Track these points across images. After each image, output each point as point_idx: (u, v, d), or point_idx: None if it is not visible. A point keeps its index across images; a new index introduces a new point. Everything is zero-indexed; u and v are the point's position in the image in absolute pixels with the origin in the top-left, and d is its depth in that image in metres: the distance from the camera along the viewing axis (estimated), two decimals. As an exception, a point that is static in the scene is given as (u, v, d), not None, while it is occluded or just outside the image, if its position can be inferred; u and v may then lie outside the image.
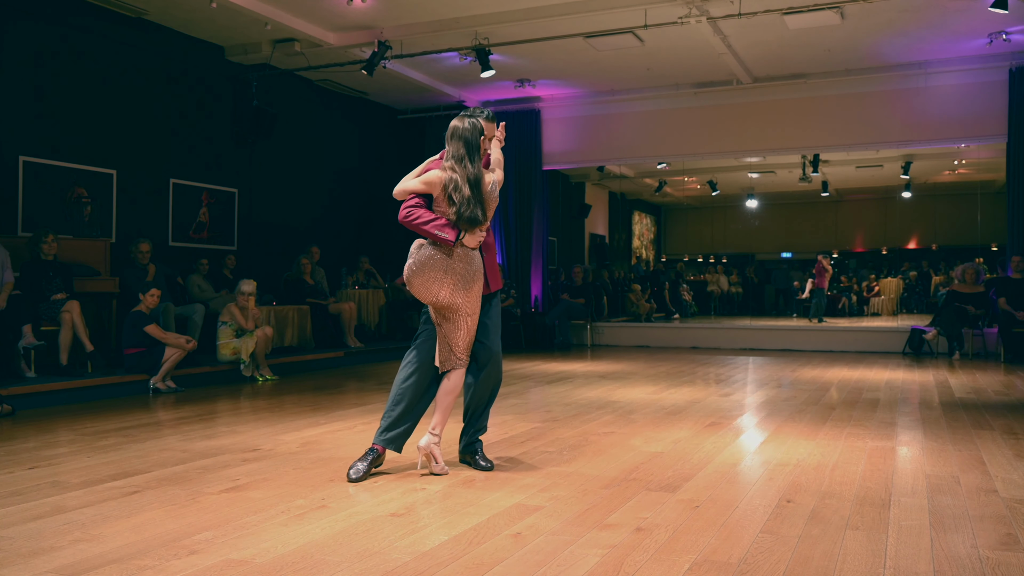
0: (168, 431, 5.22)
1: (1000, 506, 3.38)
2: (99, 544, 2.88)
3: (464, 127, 3.85)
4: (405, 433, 3.98)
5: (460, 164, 3.81)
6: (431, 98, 12.21)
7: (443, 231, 3.79)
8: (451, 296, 3.82)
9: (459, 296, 3.82)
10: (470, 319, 3.89)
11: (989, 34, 9.43)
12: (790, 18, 8.78)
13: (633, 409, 6.07)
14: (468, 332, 3.90)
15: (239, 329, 7.90)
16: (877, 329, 12.02)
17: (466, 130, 3.84)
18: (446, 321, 3.89)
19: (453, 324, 3.88)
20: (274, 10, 8.81)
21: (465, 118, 3.90)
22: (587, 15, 8.72)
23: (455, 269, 3.81)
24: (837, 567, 2.65)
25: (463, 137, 3.84)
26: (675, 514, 3.25)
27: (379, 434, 3.95)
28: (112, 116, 8.73)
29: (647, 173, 16.51)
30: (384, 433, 3.94)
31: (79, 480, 3.85)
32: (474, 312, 3.89)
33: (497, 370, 4.11)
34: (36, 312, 6.92)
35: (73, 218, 8.12)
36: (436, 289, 3.81)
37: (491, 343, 4.06)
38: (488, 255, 4.04)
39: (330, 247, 11.26)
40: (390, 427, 3.95)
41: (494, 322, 4.10)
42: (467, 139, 3.83)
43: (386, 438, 3.94)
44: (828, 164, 14.99)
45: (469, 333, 3.91)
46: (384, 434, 3.94)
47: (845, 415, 5.78)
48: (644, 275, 16.87)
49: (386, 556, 2.75)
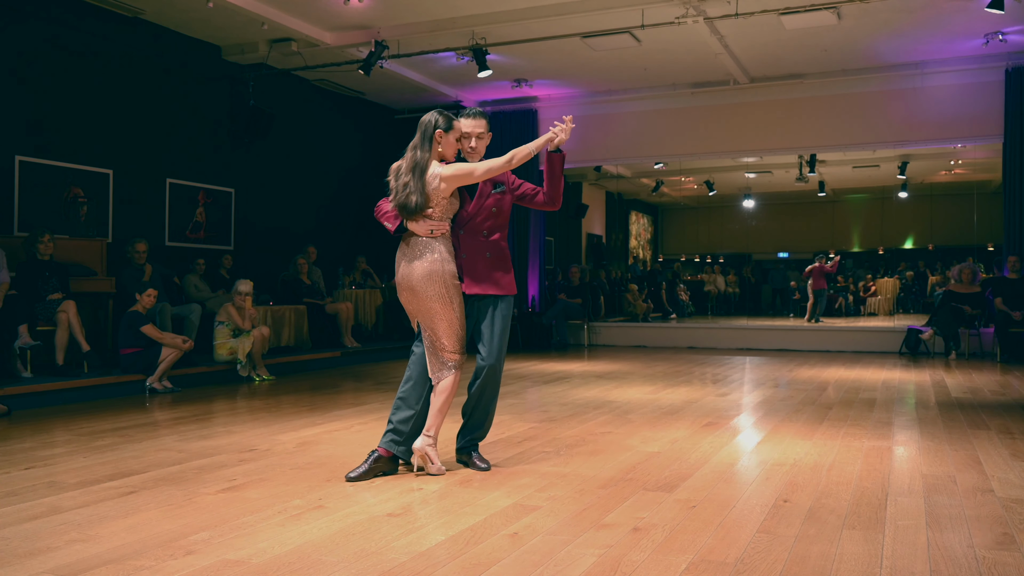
0: (164, 431, 5.21)
1: (996, 506, 3.39)
2: (95, 544, 2.87)
3: (425, 118, 3.89)
4: (412, 436, 3.97)
5: (411, 151, 3.85)
6: (428, 98, 12.21)
7: (386, 219, 3.89)
8: (401, 279, 3.85)
9: (411, 283, 3.81)
10: (438, 313, 3.81)
11: (985, 34, 9.45)
12: (787, 18, 8.78)
13: (630, 409, 6.07)
14: (445, 326, 3.83)
15: (236, 329, 7.89)
16: (874, 329, 12.03)
17: (425, 121, 3.89)
18: (419, 317, 3.87)
19: (425, 320, 3.85)
20: (271, 10, 8.80)
21: (432, 112, 3.93)
22: (584, 15, 8.72)
23: (406, 255, 3.86)
24: (834, 567, 2.65)
25: (420, 126, 3.89)
26: (672, 514, 3.25)
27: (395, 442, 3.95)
28: (108, 116, 8.72)
29: (644, 173, 16.51)
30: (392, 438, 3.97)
31: (75, 480, 3.84)
32: (437, 304, 3.80)
33: (492, 382, 4.01)
34: (32, 312, 6.90)
35: (69, 218, 8.10)
36: (398, 279, 3.90)
37: (486, 353, 3.97)
38: (493, 255, 3.97)
39: (327, 247, 11.24)
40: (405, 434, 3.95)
41: (494, 331, 3.98)
42: (423, 129, 3.87)
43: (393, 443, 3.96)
44: (825, 164, 15.01)
45: (446, 327, 3.84)
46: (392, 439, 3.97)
47: (842, 415, 5.78)
48: (641, 275, 16.87)
49: (383, 556, 2.74)
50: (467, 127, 3.96)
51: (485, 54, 9.65)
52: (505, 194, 4.03)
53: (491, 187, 4.00)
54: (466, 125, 3.96)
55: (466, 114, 4.01)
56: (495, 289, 3.99)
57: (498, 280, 3.99)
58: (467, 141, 3.97)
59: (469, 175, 3.81)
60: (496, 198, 4.01)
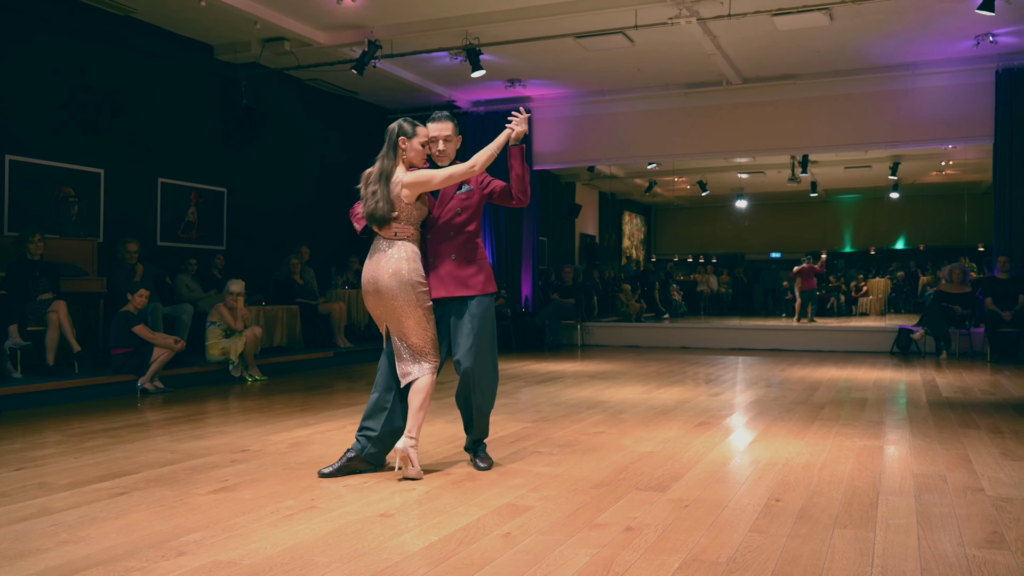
0: (156, 432, 5.20)
1: (987, 504, 3.40)
2: (86, 546, 2.86)
3: (390, 126, 3.92)
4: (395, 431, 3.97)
5: (379, 160, 3.90)
6: (422, 98, 12.20)
7: (356, 220, 3.96)
8: (366, 281, 3.85)
9: (377, 284, 3.82)
10: (404, 312, 3.80)
11: (976, 36, 9.49)
12: (779, 19, 8.81)
13: (623, 409, 6.08)
14: (412, 324, 3.82)
15: (228, 329, 7.87)
16: (865, 329, 12.08)
17: (390, 129, 3.92)
18: (387, 320, 3.87)
19: (393, 322, 3.85)
20: (264, 9, 8.78)
21: (398, 119, 3.96)
22: (577, 15, 8.72)
23: (372, 258, 3.88)
24: (825, 565, 2.66)
25: (386, 134, 3.92)
26: (665, 513, 3.26)
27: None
28: (100, 115, 8.68)
29: (637, 173, 16.54)
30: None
31: (66, 481, 3.82)
32: (403, 304, 3.78)
33: (477, 386, 3.96)
34: (22, 312, 6.86)
35: (60, 218, 8.06)
36: (363, 281, 3.91)
37: (462, 356, 3.91)
38: (459, 256, 3.94)
39: (320, 247, 11.23)
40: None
41: (469, 333, 3.91)
42: (388, 137, 3.90)
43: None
44: (817, 164, 15.06)
45: (414, 325, 3.83)
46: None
47: (833, 414, 5.80)
48: (634, 275, 16.90)
49: (376, 556, 2.74)
50: (432, 131, 3.96)
51: (478, 54, 9.64)
52: (472, 194, 4.01)
53: (455, 189, 3.99)
54: (431, 129, 3.96)
55: (431, 118, 4.01)
56: (463, 290, 3.95)
57: (466, 281, 3.95)
58: (434, 145, 3.96)
59: (428, 182, 3.83)
60: (461, 199, 3.99)
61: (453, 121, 4.03)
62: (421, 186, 3.83)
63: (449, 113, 4.06)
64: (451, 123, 4.00)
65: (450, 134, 3.98)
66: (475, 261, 3.99)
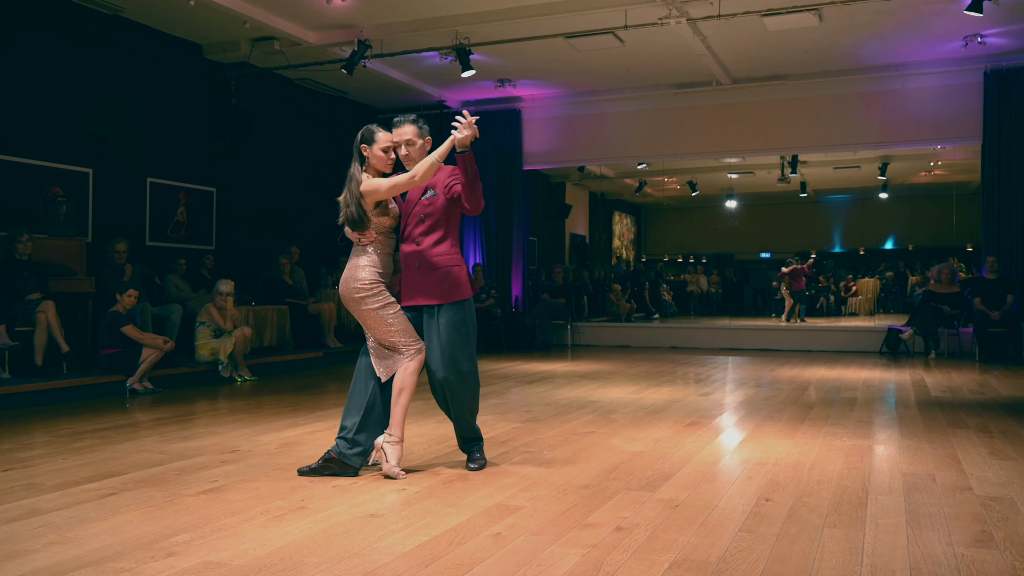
0: (145, 432, 5.17)
1: (975, 504, 3.42)
2: (75, 547, 2.85)
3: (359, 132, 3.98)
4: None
5: (351, 167, 3.98)
6: (412, 98, 12.18)
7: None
8: (339, 287, 4.01)
9: (341, 289, 3.96)
10: (364, 314, 3.88)
11: (964, 37, 9.55)
12: (769, 20, 8.84)
13: (613, 409, 6.09)
14: (374, 321, 3.87)
15: (217, 329, 7.84)
16: (854, 329, 12.13)
17: (356, 137, 3.97)
18: (360, 321, 3.95)
19: (362, 322, 3.94)
20: (253, 8, 8.74)
21: (370, 125, 4.02)
22: (568, 15, 8.73)
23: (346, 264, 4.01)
24: (815, 565, 2.67)
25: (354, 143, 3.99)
26: (655, 513, 3.26)
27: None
28: (88, 114, 8.64)
29: (627, 173, 16.57)
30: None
31: (54, 482, 3.80)
32: (361, 306, 3.86)
33: (453, 394, 3.92)
34: (11, 312, 6.83)
35: (48, 217, 8.00)
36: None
37: (436, 366, 3.88)
38: (423, 264, 3.91)
39: (309, 247, 11.19)
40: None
41: (441, 341, 3.86)
42: (354, 145, 3.97)
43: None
44: (806, 165, 15.12)
45: (377, 322, 3.87)
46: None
47: (823, 414, 5.82)
48: (624, 275, 16.91)
49: (366, 557, 2.74)
50: (395, 136, 3.95)
51: (468, 54, 9.64)
52: (436, 199, 3.94)
53: (419, 194, 3.95)
54: (394, 134, 3.95)
55: (393, 123, 3.99)
56: (427, 299, 3.91)
57: (429, 290, 3.90)
58: (400, 150, 3.95)
59: (376, 191, 3.84)
60: (424, 205, 3.94)
61: (417, 124, 3.96)
62: (373, 194, 3.86)
63: (415, 116, 3.99)
64: (413, 127, 3.94)
65: (411, 138, 3.93)
66: (438, 268, 3.91)
